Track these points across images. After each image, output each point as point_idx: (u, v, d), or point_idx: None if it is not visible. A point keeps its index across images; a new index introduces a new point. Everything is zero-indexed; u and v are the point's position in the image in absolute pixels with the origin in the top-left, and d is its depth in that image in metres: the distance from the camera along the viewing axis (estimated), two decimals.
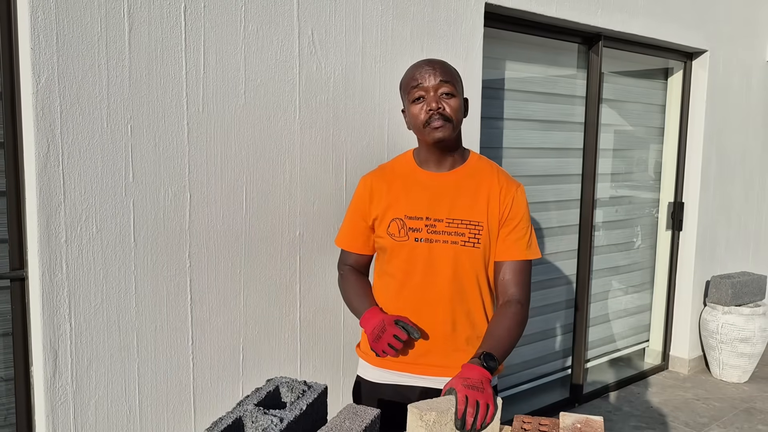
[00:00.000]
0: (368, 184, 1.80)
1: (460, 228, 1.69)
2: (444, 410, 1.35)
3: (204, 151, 2.09)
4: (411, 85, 1.68)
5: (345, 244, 1.86)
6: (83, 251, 1.89)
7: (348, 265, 1.88)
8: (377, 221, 1.77)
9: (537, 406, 3.67)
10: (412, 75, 1.69)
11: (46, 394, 1.86)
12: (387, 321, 1.65)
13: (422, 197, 1.72)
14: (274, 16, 2.19)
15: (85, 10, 1.82)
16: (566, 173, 3.71)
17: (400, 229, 1.71)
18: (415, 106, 1.68)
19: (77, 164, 1.86)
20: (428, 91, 1.66)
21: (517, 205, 1.73)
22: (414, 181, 1.75)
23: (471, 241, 1.68)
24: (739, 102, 4.51)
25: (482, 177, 1.75)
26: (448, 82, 1.66)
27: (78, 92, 1.84)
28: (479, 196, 1.71)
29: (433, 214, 1.70)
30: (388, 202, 1.74)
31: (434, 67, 1.67)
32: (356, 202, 1.82)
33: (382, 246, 1.76)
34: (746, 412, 3.80)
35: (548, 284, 3.73)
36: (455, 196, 1.71)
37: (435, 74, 1.65)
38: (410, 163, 1.79)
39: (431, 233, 1.69)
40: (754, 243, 4.93)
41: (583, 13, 3.29)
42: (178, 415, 2.13)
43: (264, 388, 1.43)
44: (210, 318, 2.16)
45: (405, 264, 1.71)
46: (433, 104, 1.64)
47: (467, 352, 1.71)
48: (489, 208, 1.71)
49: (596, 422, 1.40)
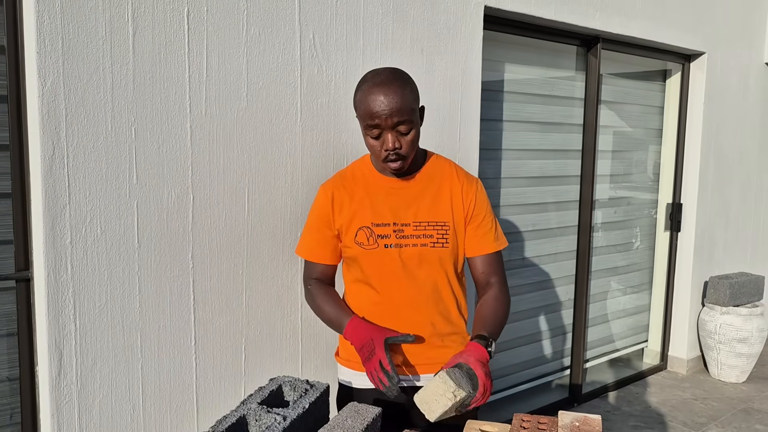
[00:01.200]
0: (329, 193, 1.78)
1: (427, 230, 1.72)
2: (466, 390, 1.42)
3: (207, 154, 2.12)
4: (367, 122, 1.62)
5: (312, 255, 1.82)
6: (88, 252, 1.91)
7: (314, 278, 1.84)
8: (342, 231, 1.76)
9: (536, 406, 3.69)
10: (368, 110, 1.60)
11: (51, 393, 1.89)
12: (376, 341, 1.61)
13: (386, 203, 1.74)
14: (275, 20, 2.22)
15: (90, 14, 1.85)
16: (565, 174, 3.74)
17: (368, 237, 1.72)
18: (370, 138, 1.66)
19: (82, 166, 1.88)
20: (384, 129, 1.62)
21: (480, 201, 1.78)
22: (376, 188, 1.76)
23: (440, 241, 1.72)
24: (736, 104, 4.54)
25: (442, 177, 1.78)
26: (404, 120, 1.60)
27: (83, 95, 1.86)
28: (442, 197, 1.75)
29: (399, 219, 1.72)
30: (352, 211, 1.74)
31: (390, 106, 1.58)
32: (318, 212, 1.79)
33: (351, 255, 1.76)
34: (744, 411, 3.82)
35: (547, 285, 3.76)
36: (419, 199, 1.74)
37: (391, 115, 1.58)
38: (369, 170, 1.79)
39: (400, 238, 1.71)
40: (752, 244, 4.96)
41: (582, 16, 3.32)
42: (182, 414, 2.15)
43: (267, 387, 1.45)
44: (213, 318, 2.19)
45: (378, 271, 1.73)
46: (390, 145, 1.62)
47: (448, 347, 1.78)
48: (453, 207, 1.75)
49: (594, 421, 1.42)
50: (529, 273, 3.63)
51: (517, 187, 3.50)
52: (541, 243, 3.66)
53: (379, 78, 1.61)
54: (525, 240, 3.58)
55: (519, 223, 3.53)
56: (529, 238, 3.60)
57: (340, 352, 1.88)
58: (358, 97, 1.64)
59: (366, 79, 1.65)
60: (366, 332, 1.66)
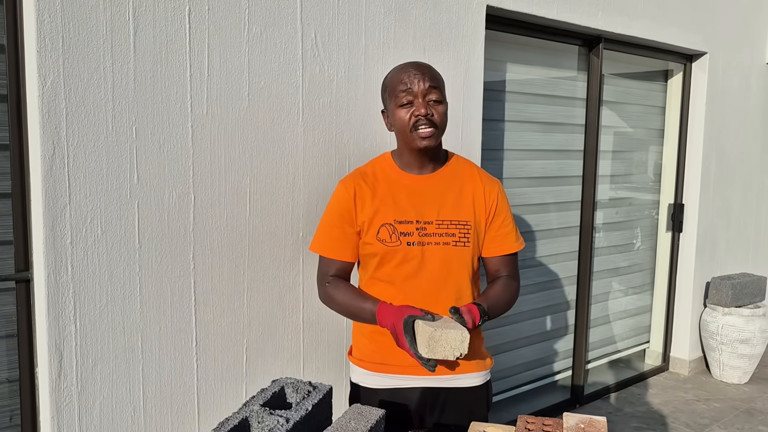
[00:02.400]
0: (350, 189, 1.75)
1: (450, 228, 1.72)
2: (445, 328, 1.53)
3: (208, 153, 2.10)
4: (399, 89, 1.66)
5: (331, 252, 1.77)
6: (88, 253, 1.90)
7: (332, 275, 1.78)
8: (364, 228, 1.74)
9: (538, 407, 3.67)
10: (400, 78, 1.66)
11: (51, 395, 1.87)
12: (398, 325, 1.59)
13: (410, 201, 1.73)
14: (277, 19, 2.21)
15: (90, 12, 1.84)
16: (567, 175, 3.72)
17: (391, 234, 1.71)
18: (401, 110, 1.67)
19: (82, 166, 1.87)
20: (416, 96, 1.65)
21: (502, 202, 1.81)
22: (399, 186, 1.75)
23: (462, 240, 1.73)
24: (738, 104, 4.53)
25: (464, 177, 1.79)
26: (436, 88, 1.66)
27: (83, 95, 1.85)
28: (464, 196, 1.76)
29: (422, 216, 1.72)
30: (374, 208, 1.72)
31: (422, 72, 1.65)
32: (339, 208, 1.75)
33: (372, 252, 1.74)
34: (747, 412, 3.81)
35: (549, 286, 3.74)
36: (442, 198, 1.74)
37: (424, 79, 1.65)
38: (391, 167, 1.78)
39: (423, 236, 1.71)
40: (754, 244, 4.95)
41: (584, 16, 3.31)
42: (183, 415, 2.14)
43: (269, 388, 1.44)
44: (214, 319, 2.17)
45: (399, 268, 1.72)
46: (422, 110, 1.64)
47: None
48: (475, 207, 1.76)
49: (600, 422, 1.41)
50: (531, 274, 3.62)
51: (519, 187, 3.49)
52: (542, 243, 3.65)
53: (410, 61, 1.71)
54: (527, 240, 3.57)
55: (521, 224, 3.52)
56: (531, 238, 3.58)
57: (354, 351, 1.86)
58: (389, 78, 1.71)
59: (394, 68, 1.73)
60: (390, 317, 1.62)
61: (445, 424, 1.80)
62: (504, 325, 3.54)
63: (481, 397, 1.83)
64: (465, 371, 1.78)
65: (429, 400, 1.78)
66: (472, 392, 1.81)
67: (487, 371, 1.86)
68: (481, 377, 1.83)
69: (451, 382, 1.78)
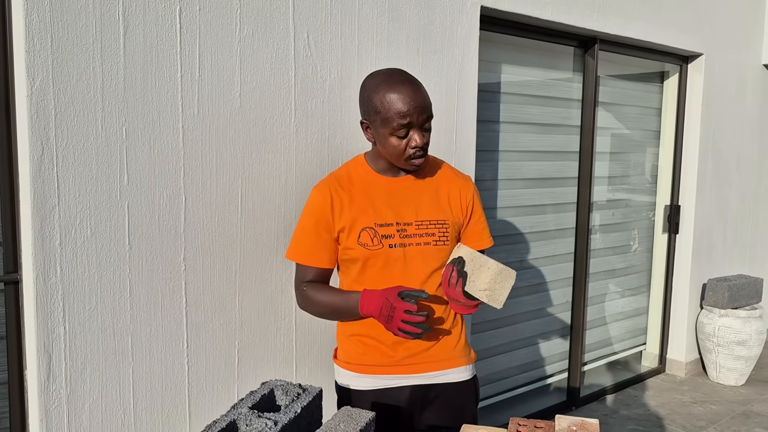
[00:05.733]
0: (326, 194, 1.72)
1: (429, 228, 1.75)
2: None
3: (199, 154, 2.09)
4: (397, 121, 1.61)
5: (308, 259, 1.75)
6: (78, 254, 1.88)
7: (308, 281, 1.77)
8: (343, 233, 1.72)
9: (533, 410, 3.66)
10: (399, 110, 1.60)
11: (40, 397, 1.85)
12: (391, 296, 1.59)
13: (387, 203, 1.74)
14: (269, 19, 2.20)
15: (80, 12, 1.82)
16: (563, 176, 3.72)
17: (372, 238, 1.71)
18: (395, 138, 1.64)
19: (72, 167, 1.85)
20: (414, 126, 1.63)
21: (477, 199, 1.85)
22: (376, 188, 1.75)
23: (441, 239, 1.75)
24: (734, 105, 4.52)
25: (439, 177, 1.82)
26: (430, 116, 1.66)
27: (73, 95, 1.83)
28: (440, 196, 1.79)
29: (401, 218, 1.73)
30: (353, 213, 1.71)
31: (419, 103, 1.61)
32: (315, 214, 1.73)
33: (353, 257, 1.72)
34: (743, 415, 3.80)
35: (545, 287, 3.73)
36: (419, 198, 1.76)
37: (422, 109, 1.62)
38: (366, 171, 1.77)
39: (404, 237, 1.72)
40: (751, 246, 4.94)
41: (579, 17, 3.30)
42: (173, 418, 2.12)
43: (258, 391, 1.43)
44: (205, 321, 2.16)
45: (382, 271, 1.72)
46: (419, 141, 1.64)
47: (448, 340, 1.80)
48: (452, 206, 1.79)
49: (592, 425, 1.40)
50: (527, 275, 3.61)
51: (515, 189, 3.48)
52: (538, 245, 3.64)
53: (399, 77, 1.63)
54: (522, 242, 3.56)
55: (516, 225, 3.51)
56: (527, 240, 3.57)
57: (339, 354, 1.84)
58: (379, 99, 1.62)
59: (380, 81, 1.64)
60: (379, 295, 1.63)
61: (437, 425, 1.79)
62: (500, 327, 3.52)
63: (470, 390, 1.85)
64: (454, 365, 1.80)
65: (419, 398, 1.78)
66: (461, 387, 1.82)
67: (473, 364, 1.88)
68: (469, 371, 1.85)
69: (440, 378, 1.79)
